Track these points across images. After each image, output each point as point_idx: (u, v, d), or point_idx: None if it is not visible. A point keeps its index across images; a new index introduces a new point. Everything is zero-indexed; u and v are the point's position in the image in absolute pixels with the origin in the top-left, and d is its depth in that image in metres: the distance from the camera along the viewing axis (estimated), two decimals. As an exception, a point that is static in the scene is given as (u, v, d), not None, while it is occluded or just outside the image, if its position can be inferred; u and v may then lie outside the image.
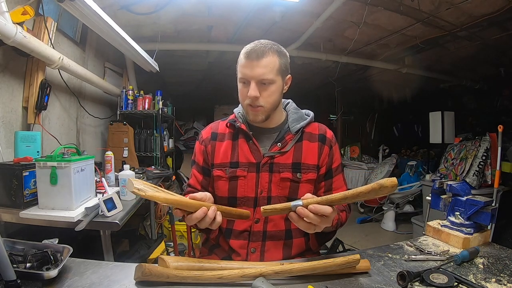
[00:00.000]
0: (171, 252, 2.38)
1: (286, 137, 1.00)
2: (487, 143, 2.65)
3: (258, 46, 0.92)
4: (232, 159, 1.00)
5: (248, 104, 0.94)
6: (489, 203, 0.95)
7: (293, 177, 0.97)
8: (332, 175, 1.03)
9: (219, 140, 1.04)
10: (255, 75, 0.90)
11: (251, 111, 0.96)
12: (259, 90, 0.92)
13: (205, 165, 1.05)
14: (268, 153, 0.98)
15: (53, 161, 1.30)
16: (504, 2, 2.33)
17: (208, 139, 1.05)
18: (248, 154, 0.99)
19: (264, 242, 0.97)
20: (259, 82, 0.91)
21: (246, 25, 2.93)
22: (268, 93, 0.93)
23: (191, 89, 6.01)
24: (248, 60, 0.91)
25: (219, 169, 1.00)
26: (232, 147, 1.01)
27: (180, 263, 0.73)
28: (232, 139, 1.02)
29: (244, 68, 0.92)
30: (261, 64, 0.90)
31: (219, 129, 1.06)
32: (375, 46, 3.49)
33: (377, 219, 4.12)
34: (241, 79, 0.94)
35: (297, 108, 1.09)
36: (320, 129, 1.05)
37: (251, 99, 0.92)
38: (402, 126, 6.84)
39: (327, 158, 1.02)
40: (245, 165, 0.98)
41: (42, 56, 1.66)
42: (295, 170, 0.98)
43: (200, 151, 1.06)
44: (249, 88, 0.91)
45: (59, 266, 0.72)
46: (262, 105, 0.94)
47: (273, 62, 0.92)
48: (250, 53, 0.91)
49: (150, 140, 3.09)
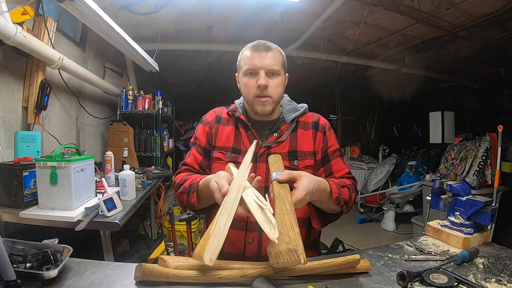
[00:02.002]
0: (171, 252, 2.38)
1: (282, 127, 1.01)
2: (487, 143, 2.65)
3: (263, 42, 0.97)
4: (235, 145, 1.01)
5: (256, 95, 0.96)
6: (489, 203, 0.95)
7: (290, 164, 0.97)
8: (329, 159, 1.03)
9: (223, 123, 1.06)
10: (265, 64, 0.94)
11: (259, 102, 0.96)
12: (267, 81, 0.94)
13: (208, 146, 1.06)
14: (265, 143, 0.98)
15: (53, 161, 1.30)
16: (504, 2, 2.33)
17: (213, 121, 1.07)
18: (247, 144, 1.00)
19: (261, 233, 0.96)
20: (268, 72, 0.94)
21: (246, 25, 2.93)
22: (276, 84, 0.96)
23: (191, 89, 6.01)
24: (257, 52, 0.95)
25: (220, 152, 1.01)
26: (235, 134, 1.03)
27: (180, 263, 0.73)
28: (234, 126, 1.04)
29: (253, 60, 0.95)
30: (269, 56, 0.94)
31: (223, 114, 1.08)
32: (375, 46, 3.49)
33: (377, 219, 4.12)
34: (248, 70, 0.96)
35: (291, 100, 1.12)
36: (313, 117, 1.07)
37: (261, 88, 0.94)
38: (402, 126, 6.84)
39: (322, 144, 1.03)
40: (245, 154, 0.98)
41: (42, 56, 1.66)
42: (292, 158, 0.99)
43: (204, 132, 1.07)
44: (257, 78, 0.94)
45: (59, 266, 0.72)
46: (270, 95, 0.95)
47: (278, 56, 0.97)
48: (258, 46, 0.96)
49: (150, 140, 3.09)
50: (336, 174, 1.02)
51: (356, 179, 1.06)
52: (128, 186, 1.65)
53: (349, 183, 0.98)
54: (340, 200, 0.88)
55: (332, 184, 0.88)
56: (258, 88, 0.94)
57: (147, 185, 2.01)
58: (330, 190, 0.86)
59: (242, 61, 0.99)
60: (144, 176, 2.08)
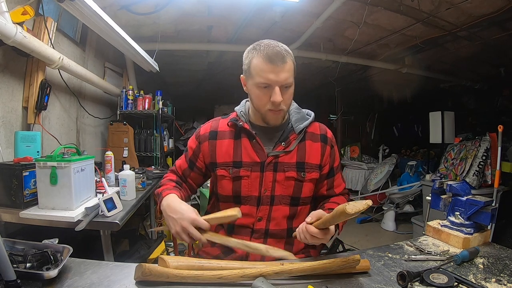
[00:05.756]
0: (171, 252, 2.38)
1: (290, 137, 1.00)
2: (487, 143, 2.64)
3: (277, 49, 0.90)
4: (235, 158, 0.99)
5: (269, 109, 0.94)
6: (489, 203, 0.95)
7: (298, 176, 0.98)
8: (334, 174, 1.07)
9: (219, 138, 1.03)
10: (280, 80, 0.89)
11: (273, 115, 0.96)
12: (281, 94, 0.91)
13: (193, 158, 1.07)
14: (273, 152, 0.98)
15: (53, 161, 1.30)
16: (504, 2, 2.33)
17: (205, 137, 1.05)
18: (252, 153, 0.98)
19: (265, 240, 0.97)
20: (282, 86, 0.90)
21: (246, 25, 2.93)
22: (288, 96, 0.94)
23: (191, 89, 6.01)
24: (273, 65, 0.88)
25: (222, 169, 1.00)
26: (235, 146, 1.01)
27: (180, 263, 0.73)
28: (234, 138, 1.02)
29: (267, 74, 0.89)
30: (285, 69, 0.89)
31: (220, 127, 1.05)
32: (375, 46, 3.49)
33: (377, 219, 4.12)
34: (263, 84, 0.91)
35: (299, 108, 1.10)
36: (321, 129, 1.07)
37: (275, 105, 0.91)
38: (402, 126, 6.84)
39: (329, 158, 1.05)
40: (249, 164, 0.98)
41: (42, 56, 1.66)
42: (300, 169, 0.99)
43: (194, 144, 1.08)
44: (272, 93, 0.90)
45: (59, 266, 0.72)
46: (283, 108, 0.94)
47: (292, 66, 0.92)
48: (273, 57, 0.88)
49: (150, 140, 3.09)
50: (336, 189, 1.07)
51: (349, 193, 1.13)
52: (128, 186, 1.65)
53: (344, 202, 0.99)
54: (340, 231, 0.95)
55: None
56: (273, 104, 0.91)
57: (147, 185, 2.01)
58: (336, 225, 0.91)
59: (253, 70, 0.92)
60: (144, 176, 2.08)
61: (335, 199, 1.05)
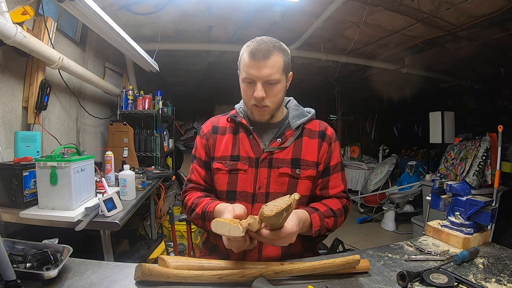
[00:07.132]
0: (171, 252, 2.38)
1: (286, 133, 0.99)
2: (487, 143, 2.64)
3: (263, 45, 0.89)
4: (233, 152, 0.99)
5: (254, 104, 0.94)
6: (489, 203, 0.95)
7: (292, 172, 0.96)
8: (330, 173, 1.01)
9: (220, 133, 1.04)
10: (261, 75, 0.88)
11: (257, 111, 0.95)
12: (265, 90, 0.90)
13: (207, 159, 1.05)
14: (268, 148, 0.97)
15: (53, 161, 1.30)
16: (504, 2, 2.33)
17: (209, 133, 1.05)
18: (248, 149, 0.98)
19: None
20: (265, 82, 0.89)
21: (246, 25, 2.93)
22: (274, 93, 0.92)
23: (191, 89, 6.01)
24: (254, 60, 0.88)
25: (219, 162, 1.00)
26: (233, 141, 1.01)
27: (180, 263, 0.73)
28: (233, 133, 1.02)
29: (250, 69, 0.89)
30: (267, 65, 0.88)
31: (220, 123, 1.06)
32: (375, 46, 3.49)
33: (377, 219, 4.12)
34: (246, 79, 0.91)
35: (298, 105, 1.09)
36: (321, 126, 1.04)
37: (258, 100, 0.91)
38: (402, 126, 6.85)
39: (326, 155, 1.00)
40: (246, 159, 0.97)
41: (42, 56, 1.66)
42: (294, 166, 0.96)
43: (202, 145, 1.06)
44: (255, 88, 0.90)
45: (59, 266, 0.72)
46: (268, 105, 0.93)
47: (278, 62, 0.90)
48: (255, 53, 0.87)
49: (150, 140, 3.09)
50: (330, 190, 1.00)
51: (350, 198, 1.06)
52: (128, 186, 1.65)
53: (339, 206, 0.97)
54: (322, 230, 0.90)
55: (315, 218, 0.89)
56: (255, 99, 0.91)
57: (147, 185, 2.01)
58: (310, 223, 0.88)
59: (241, 65, 0.93)
60: (144, 176, 2.08)
61: (327, 202, 0.97)
